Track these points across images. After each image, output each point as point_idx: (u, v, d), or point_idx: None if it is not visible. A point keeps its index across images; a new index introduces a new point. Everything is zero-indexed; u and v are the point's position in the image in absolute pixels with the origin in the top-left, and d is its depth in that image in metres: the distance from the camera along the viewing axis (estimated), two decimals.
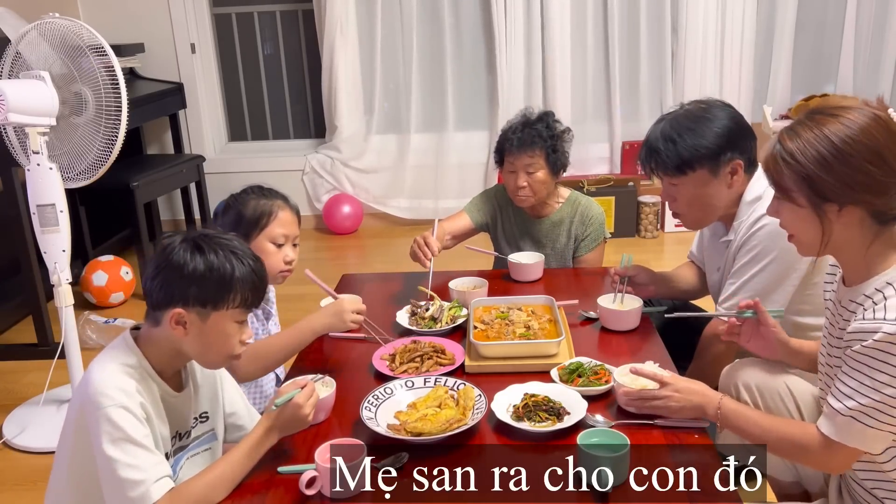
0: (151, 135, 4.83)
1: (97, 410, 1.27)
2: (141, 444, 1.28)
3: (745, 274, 1.84)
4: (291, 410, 1.37)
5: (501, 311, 1.94)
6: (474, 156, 4.75)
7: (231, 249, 1.36)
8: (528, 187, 2.35)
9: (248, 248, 1.41)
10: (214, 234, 1.38)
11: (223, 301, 1.34)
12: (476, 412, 1.48)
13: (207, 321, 1.34)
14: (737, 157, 1.82)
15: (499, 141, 2.42)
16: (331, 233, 4.80)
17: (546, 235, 2.49)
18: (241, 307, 1.37)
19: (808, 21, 4.53)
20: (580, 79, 4.63)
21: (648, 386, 1.50)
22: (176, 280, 1.32)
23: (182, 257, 1.32)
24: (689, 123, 1.83)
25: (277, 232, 1.82)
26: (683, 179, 1.85)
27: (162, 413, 1.39)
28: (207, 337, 1.36)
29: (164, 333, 1.36)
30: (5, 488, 2.33)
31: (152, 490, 1.26)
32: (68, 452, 1.38)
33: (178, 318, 1.33)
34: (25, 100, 2.25)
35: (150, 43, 4.62)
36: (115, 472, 1.26)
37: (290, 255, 1.86)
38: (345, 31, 4.58)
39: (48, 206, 2.35)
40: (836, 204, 1.27)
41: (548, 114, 2.41)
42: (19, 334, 3.47)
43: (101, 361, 1.35)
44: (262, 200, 1.83)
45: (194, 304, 1.33)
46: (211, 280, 1.32)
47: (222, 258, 1.34)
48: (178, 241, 1.35)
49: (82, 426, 1.31)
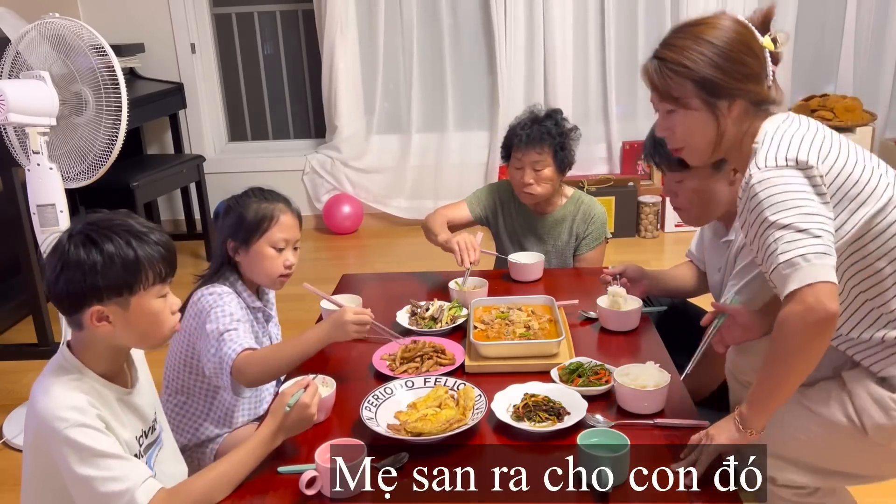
0: (151, 135, 4.83)
1: (56, 435, 1.22)
2: (112, 455, 1.24)
3: (746, 275, 1.83)
4: (298, 410, 1.36)
5: (501, 311, 1.94)
6: (474, 156, 4.75)
7: (126, 230, 1.29)
8: (534, 184, 2.36)
9: (144, 221, 1.33)
10: (102, 220, 1.30)
11: (137, 284, 1.28)
12: (476, 412, 1.48)
13: (129, 308, 1.29)
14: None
15: (507, 136, 2.42)
16: (331, 233, 4.80)
17: (548, 232, 2.49)
18: (158, 283, 1.31)
19: (808, 21, 4.53)
20: (581, 79, 4.63)
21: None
22: (80, 279, 1.25)
23: (76, 254, 1.25)
24: None
25: (278, 237, 1.79)
26: (686, 175, 1.85)
27: (121, 417, 1.34)
28: (136, 323, 1.30)
29: (92, 334, 1.30)
30: (5, 488, 2.32)
31: (138, 495, 1.23)
32: (31, 479, 1.34)
33: (99, 315, 1.27)
34: (25, 100, 2.25)
35: (150, 43, 4.62)
36: (94, 490, 1.22)
37: (290, 259, 1.82)
38: (345, 31, 4.58)
39: (48, 206, 2.35)
40: (727, 100, 1.40)
41: (556, 111, 2.42)
42: (19, 334, 3.47)
43: (44, 385, 1.29)
44: (263, 204, 1.79)
45: (109, 297, 1.27)
46: (116, 268, 1.26)
47: (119, 243, 1.27)
48: (65, 238, 1.27)
49: (42, 453, 1.27)
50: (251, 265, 1.80)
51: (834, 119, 4.12)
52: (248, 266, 1.81)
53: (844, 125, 4.08)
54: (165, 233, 1.36)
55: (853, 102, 4.17)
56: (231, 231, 1.80)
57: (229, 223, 1.80)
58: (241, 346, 1.64)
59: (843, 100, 4.21)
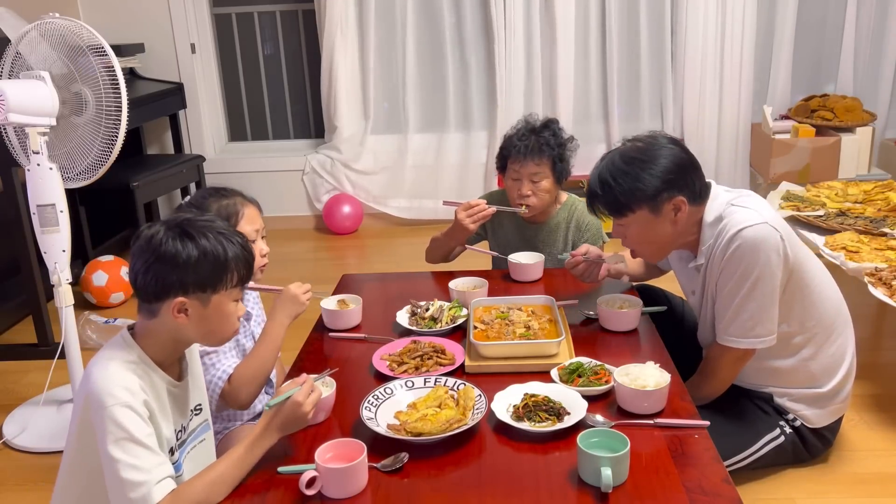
0: (151, 135, 4.83)
1: (102, 410, 1.27)
2: (144, 444, 1.27)
3: (735, 298, 1.82)
4: (291, 408, 1.37)
5: (501, 311, 1.94)
6: (474, 156, 4.75)
7: (217, 231, 1.36)
8: (532, 196, 2.33)
9: (231, 226, 1.42)
10: (195, 218, 1.38)
11: (222, 282, 1.35)
12: (476, 412, 1.48)
13: (209, 305, 1.35)
14: (676, 195, 1.80)
15: (502, 146, 2.38)
16: (331, 233, 4.80)
17: (543, 241, 2.47)
18: (238, 285, 1.39)
19: (808, 21, 4.53)
20: (581, 79, 4.63)
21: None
22: (171, 270, 1.31)
23: (173, 246, 1.31)
24: (623, 166, 1.81)
25: (248, 229, 1.80)
26: (626, 220, 1.86)
27: (166, 407, 1.38)
28: (210, 320, 1.37)
29: (164, 324, 1.35)
30: (5, 488, 2.32)
31: (154, 491, 1.26)
32: (73, 452, 1.39)
33: (181, 307, 1.33)
34: (25, 100, 2.24)
35: (150, 43, 4.62)
36: (117, 472, 1.26)
37: (263, 247, 1.87)
38: (345, 31, 4.57)
39: (48, 206, 2.35)
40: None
41: (552, 121, 2.39)
42: (19, 334, 3.47)
43: (102, 360, 1.35)
44: (223, 201, 1.81)
45: (194, 291, 1.33)
46: (207, 264, 1.33)
47: (213, 241, 1.34)
48: (162, 230, 1.34)
49: (87, 425, 1.31)
50: None
51: (834, 119, 4.12)
52: None
53: (844, 125, 4.08)
54: (246, 238, 1.43)
55: (853, 102, 4.17)
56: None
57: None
58: (228, 370, 1.69)
59: (843, 100, 4.20)
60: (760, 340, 1.84)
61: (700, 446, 1.40)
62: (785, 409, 1.98)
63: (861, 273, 2.45)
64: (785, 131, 4.18)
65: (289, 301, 1.81)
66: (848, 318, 2.03)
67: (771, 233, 1.77)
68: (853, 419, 2.30)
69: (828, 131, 4.10)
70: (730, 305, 1.84)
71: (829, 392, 1.97)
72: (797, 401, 1.97)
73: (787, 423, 1.98)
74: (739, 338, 1.85)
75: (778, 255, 1.78)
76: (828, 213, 3.07)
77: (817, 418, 1.99)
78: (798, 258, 1.85)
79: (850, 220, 2.95)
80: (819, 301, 1.93)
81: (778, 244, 1.78)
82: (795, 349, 1.93)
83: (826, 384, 1.96)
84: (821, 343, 1.95)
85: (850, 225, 2.89)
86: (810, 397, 1.97)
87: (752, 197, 1.88)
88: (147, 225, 1.37)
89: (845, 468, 2.10)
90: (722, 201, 1.86)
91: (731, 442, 1.91)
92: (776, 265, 1.78)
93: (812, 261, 1.94)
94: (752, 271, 1.78)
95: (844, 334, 2.01)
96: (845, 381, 2.00)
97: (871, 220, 2.93)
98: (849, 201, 3.23)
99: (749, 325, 1.83)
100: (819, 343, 1.94)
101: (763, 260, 1.77)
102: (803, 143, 4.02)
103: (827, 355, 1.96)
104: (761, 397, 1.99)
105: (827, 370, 1.97)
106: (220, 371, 1.69)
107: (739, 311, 1.83)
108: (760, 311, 1.82)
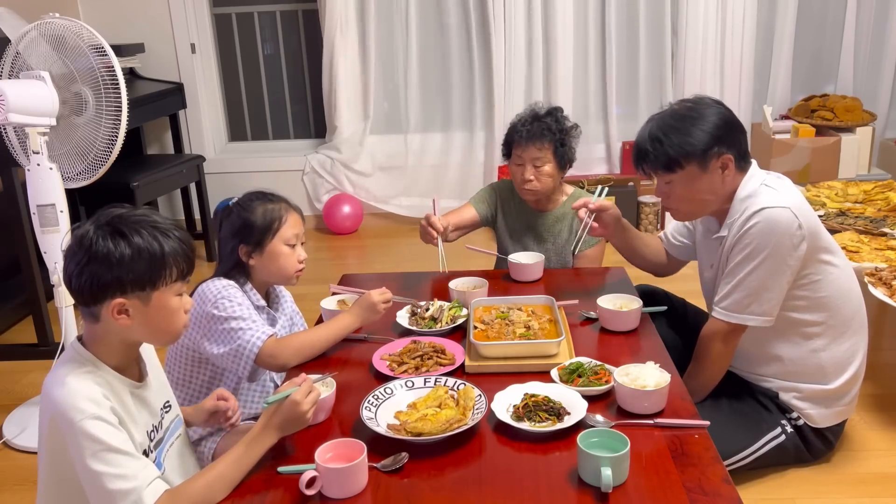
0: (151, 135, 4.83)
1: (71, 426, 1.23)
2: (123, 451, 1.25)
3: (739, 272, 1.85)
4: (289, 408, 1.36)
5: (501, 311, 1.94)
6: (474, 156, 4.74)
7: (152, 225, 1.30)
8: (534, 180, 2.36)
9: (167, 219, 1.36)
10: (127, 214, 1.31)
11: (161, 279, 1.30)
12: (476, 412, 1.48)
13: (150, 303, 1.31)
14: (725, 152, 1.86)
15: (507, 133, 2.43)
16: (331, 233, 4.80)
17: (548, 230, 2.49)
18: (179, 280, 1.34)
19: (808, 21, 4.53)
20: (581, 79, 4.63)
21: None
22: (106, 270, 1.26)
23: (104, 246, 1.26)
24: (674, 122, 1.87)
25: (290, 234, 1.86)
26: (674, 177, 1.89)
27: (132, 411, 1.35)
28: (154, 318, 1.32)
29: (108, 327, 1.31)
30: (5, 488, 2.32)
31: (145, 495, 1.24)
32: (47, 481, 1.35)
33: (120, 308, 1.29)
34: (25, 100, 2.24)
35: (150, 43, 4.62)
36: (103, 485, 1.22)
37: (302, 254, 1.91)
38: (345, 31, 4.57)
39: (48, 206, 2.35)
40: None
41: (557, 109, 2.44)
42: (19, 334, 3.47)
43: (58, 377, 1.29)
44: (269, 205, 1.85)
45: (133, 290, 1.28)
46: (142, 262, 1.28)
47: (147, 237, 1.29)
48: (91, 229, 1.28)
49: (58, 448, 1.27)
50: (267, 266, 1.85)
51: (834, 119, 4.12)
52: (263, 267, 1.86)
53: (844, 125, 4.08)
54: (186, 231, 1.37)
55: (853, 102, 4.17)
56: (237, 235, 1.83)
57: (234, 227, 1.84)
58: (266, 333, 1.73)
59: (843, 100, 4.20)
60: (753, 318, 1.86)
61: (700, 446, 1.40)
62: (790, 407, 1.98)
63: (861, 273, 2.45)
64: (785, 131, 4.18)
65: (366, 306, 1.87)
66: (864, 323, 2.03)
67: (790, 219, 1.80)
68: (854, 419, 2.31)
69: (828, 131, 4.10)
70: (731, 280, 1.87)
71: (836, 390, 1.97)
72: (804, 399, 1.97)
73: (790, 423, 1.98)
74: (732, 312, 1.88)
75: (792, 241, 1.80)
76: (828, 212, 3.07)
77: (822, 418, 1.99)
78: (821, 247, 1.88)
79: (850, 220, 2.95)
80: (839, 295, 1.94)
81: (794, 231, 1.80)
82: (807, 337, 1.94)
83: (834, 381, 1.96)
84: (834, 337, 1.95)
85: (850, 225, 2.89)
86: (817, 395, 1.97)
87: (783, 181, 1.92)
88: (76, 224, 1.32)
89: (846, 468, 2.10)
90: (757, 180, 1.90)
91: (733, 439, 1.92)
92: (787, 251, 1.80)
93: (840, 257, 1.96)
94: (761, 251, 1.81)
95: (859, 335, 2.01)
96: (853, 381, 2.00)
97: (871, 220, 2.93)
98: (849, 201, 3.24)
99: (745, 303, 1.86)
100: (833, 336, 1.95)
101: (775, 242, 1.79)
102: (803, 143, 4.02)
103: (839, 351, 1.96)
104: (765, 394, 1.99)
105: (836, 365, 1.96)
106: (253, 336, 1.72)
107: (739, 286, 1.86)
108: (760, 290, 1.84)
